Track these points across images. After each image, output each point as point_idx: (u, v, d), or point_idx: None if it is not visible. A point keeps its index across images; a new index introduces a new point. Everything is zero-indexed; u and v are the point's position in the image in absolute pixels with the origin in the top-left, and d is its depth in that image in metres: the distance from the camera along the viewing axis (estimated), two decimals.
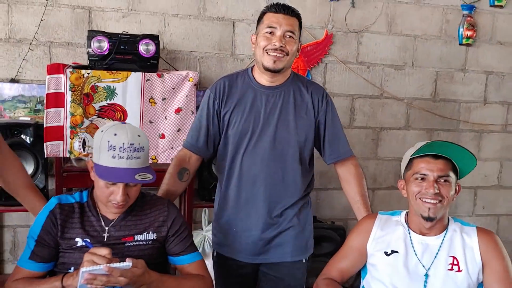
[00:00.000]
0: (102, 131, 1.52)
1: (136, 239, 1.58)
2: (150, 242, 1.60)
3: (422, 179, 1.59)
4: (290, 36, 1.81)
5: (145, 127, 2.54)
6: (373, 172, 3.39)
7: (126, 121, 2.49)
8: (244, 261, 1.95)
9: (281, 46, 1.78)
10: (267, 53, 1.80)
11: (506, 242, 3.62)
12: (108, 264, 1.35)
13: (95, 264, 1.36)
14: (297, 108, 1.89)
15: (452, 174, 1.59)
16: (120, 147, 1.46)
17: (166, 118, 2.58)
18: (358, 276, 1.78)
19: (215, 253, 2.04)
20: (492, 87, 3.54)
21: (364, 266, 1.72)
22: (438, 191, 1.56)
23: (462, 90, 3.48)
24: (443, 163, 1.58)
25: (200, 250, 2.71)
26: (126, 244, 1.57)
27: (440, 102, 3.45)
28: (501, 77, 3.54)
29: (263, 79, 1.88)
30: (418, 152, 1.61)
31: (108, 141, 1.47)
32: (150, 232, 1.61)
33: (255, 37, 1.87)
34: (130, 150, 1.48)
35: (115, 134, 1.48)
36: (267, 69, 1.82)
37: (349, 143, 2.04)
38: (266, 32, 1.80)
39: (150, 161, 2.56)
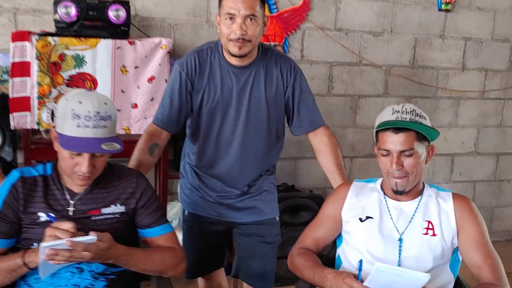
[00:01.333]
0: (66, 99, 1.44)
1: (102, 212, 1.53)
2: (118, 215, 1.55)
3: (387, 154, 1.56)
4: (251, 19, 1.73)
5: (117, 96, 2.46)
6: (351, 141, 3.38)
7: (97, 90, 2.41)
8: (219, 219, 1.99)
9: (243, 34, 1.72)
10: (230, 41, 1.74)
11: (482, 208, 3.74)
12: (70, 238, 1.30)
13: (58, 238, 1.31)
14: (268, 84, 1.88)
15: (417, 144, 1.53)
16: (86, 116, 1.40)
17: (138, 87, 2.50)
18: (334, 246, 1.76)
19: (186, 212, 2.06)
20: (470, 54, 3.52)
21: (340, 234, 1.71)
22: (401, 167, 1.53)
23: (441, 56, 3.45)
24: (405, 136, 1.52)
25: (176, 222, 2.69)
26: (92, 218, 1.52)
27: (418, 69, 3.42)
28: (479, 44, 3.52)
29: (233, 59, 1.84)
30: (381, 126, 1.57)
31: (73, 110, 1.40)
32: (118, 204, 1.55)
33: (218, 18, 1.80)
34: (97, 119, 1.41)
35: (80, 102, 1.40)
36: (233, 55, 1.79)
37: (327, 112, 2.02)
38: (226, 19, 1.73)
39: (123, 132, 2.50)
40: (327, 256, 1.77)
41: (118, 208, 1.55)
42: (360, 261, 1.48)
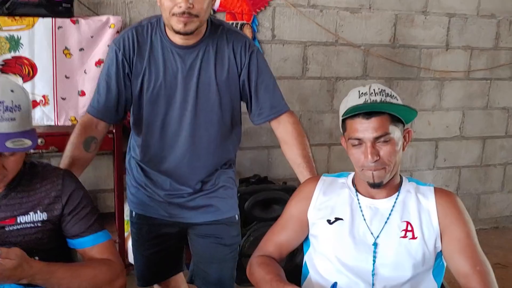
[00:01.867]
0: None
1: (19, 221, 1.28)
2: (38, 224, 1.30)
3: (359, 144, 1.32)
4: None
5: (61, 83, 2.19)
6: (328, 127, 3.14)
7: (36, 77, 2.13)
8: (170, 220, 1.76)
9: (189, 7, 1.46)
10: (173, 15, 1.49)
11: (468, 195, 3.56)
12: None
13: None
14: (218, 66, 1.64)
15: (393, 128, 1.31)
16: None
17: (85, 72, 2.24)
18: (300, 251, 1.53)
19: (133, 214, 1.82)
20: (454, 31, 3.29)
21: (307, 238, 1.48)
22: (378, 158, 1.30)
23: (423, 34, 3.22)
24: (378, 121, 1.29)
25: None
26: (6, 229, 1.26)
27: (399, 49, 3.19)
28: (464, 20, 3.29)
29: (177, 37, 1.58)
30: (346, 114, 1.33)
31: None
32: (39, 211, 1.30)
33: None
34: (0, 110, 1.15)
35: None
36: (177, 33, 1.53)
37: (302, 96, 1.79)
38: None
39: (69, 123, 2.23)
40: (293, 263, 1.53)
41: (38, 216, 1.30)
42: (334, 285, 1.24)
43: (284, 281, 1.32)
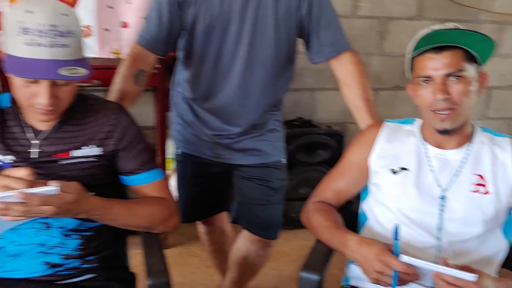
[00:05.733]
0: (13, 8, 1.09)
1: (72, 155, 1.22)
2: (92, 159, 1.24)
3: (427, 82, 1.20)
4: None
5: (103, 13, 2.10)
6: (377, 70, 2.99)
7: (79, 5, 2.03)
8: (215, 160, 1.71)
9: None
10: None
11: None
12: (22, 190, 1.01)
13: (10, 189, 1.02)
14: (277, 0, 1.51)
15: (467, 66, 1.19)
16: (38, 30, 1.05)
17: (129, 2, 2.11)
18: (358, 199, 1.46)
19: (179, 151, 1.78)
20: None
21: (366, 186, 1.40)
22: (449, 96, 1.18)
23: None
24: (450, 55, 1.18)
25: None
26: (59, 162, 1.21)
27: None
28: None
29: None
30: (417, 48, 1.20)
31: (20, 22, 1.05)
32: (93, 146, 1.24)
33: None
34: (52, 35, 1.06)
35: (29, 12, 1.05)
36: None
37: (350, 37, 1.66)
38: None
39: (113, 56, 2.15)
40: (349, 210, 1.46)
41: (92, 150, 1.25)
42: (396, 227, 1.16)
43: (345, 229, 1.26)
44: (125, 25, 2.15)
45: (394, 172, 1.31)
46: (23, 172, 1.05)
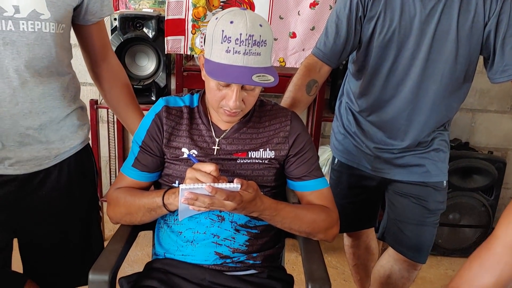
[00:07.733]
0: (216, 18, 1.20)
1: (249, 156, 1.31)
2: (266, 161, 1.32)
3: None
4: None
5: (274, 23, 2.20)
6: None
7: None
8: (373, 174, 1.70)
9: None
10: None
11: None
12: (211, 184, 1.10)
13: (198, 182, 1.13)
14: (462, 12, 1.45)
15: None
16: (237, 39, 1.14)
17: (299, 14, 2.20)
18: None
19: (335, 161, 1.81)
20: None
21: None
22: None
23: None
24: None
25: (326, 169, 2.43)
26: (238, 161, 1.31)
27: None
28: None
29: None
30: None
31: (223, 31, 1.15)
32: (268, 149, 1.32)
33: None
34: (249, 44, 1.15)
35: (231, 22, 1.15)
36: None
37: None
38: None
39: (277, 64, 2.25)
40: None
41: (267, 153, 1.32)
42: None
43: None
44: (293, 35, 2.23)
45: None
46: (210, 167, 1.15)
